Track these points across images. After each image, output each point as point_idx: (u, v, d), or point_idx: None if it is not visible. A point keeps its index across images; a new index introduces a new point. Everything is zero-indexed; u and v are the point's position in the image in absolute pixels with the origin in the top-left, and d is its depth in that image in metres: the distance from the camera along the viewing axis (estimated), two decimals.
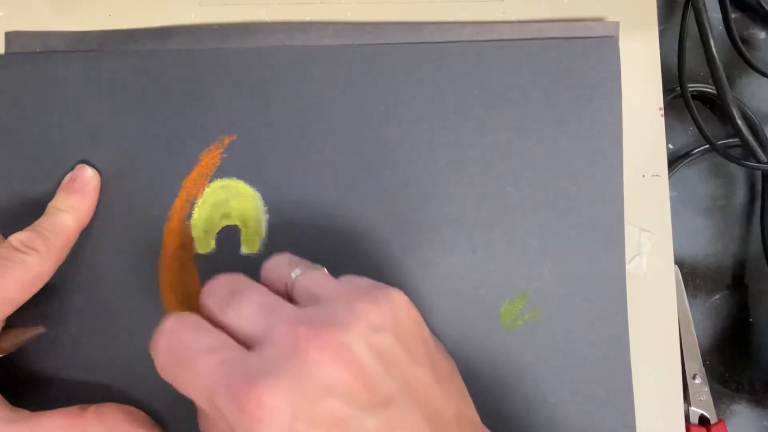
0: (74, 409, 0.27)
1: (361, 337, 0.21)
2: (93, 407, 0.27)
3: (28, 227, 0.28)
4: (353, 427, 0.20)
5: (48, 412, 0.27)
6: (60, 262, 0.28)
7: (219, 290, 0.24)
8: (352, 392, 0.20)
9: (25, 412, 0.26)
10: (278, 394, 0.19)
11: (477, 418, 0.24)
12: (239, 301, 0.23)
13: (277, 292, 0.24)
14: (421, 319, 0.24)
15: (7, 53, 0.32)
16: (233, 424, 0.20)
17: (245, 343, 0.22)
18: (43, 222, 0.28)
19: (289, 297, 0.24)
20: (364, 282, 0.24)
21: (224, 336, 0.22)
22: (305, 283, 0.24)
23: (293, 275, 0.24)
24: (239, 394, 0.19)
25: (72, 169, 0.30)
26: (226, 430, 0.21)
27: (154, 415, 0.29)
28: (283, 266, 0.25)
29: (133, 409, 0.29)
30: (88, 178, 0.30)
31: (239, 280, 0.24)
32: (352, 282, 0.24)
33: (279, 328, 0.21)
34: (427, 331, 0.24)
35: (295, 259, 0.25)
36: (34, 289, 0.27)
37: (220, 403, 0.20)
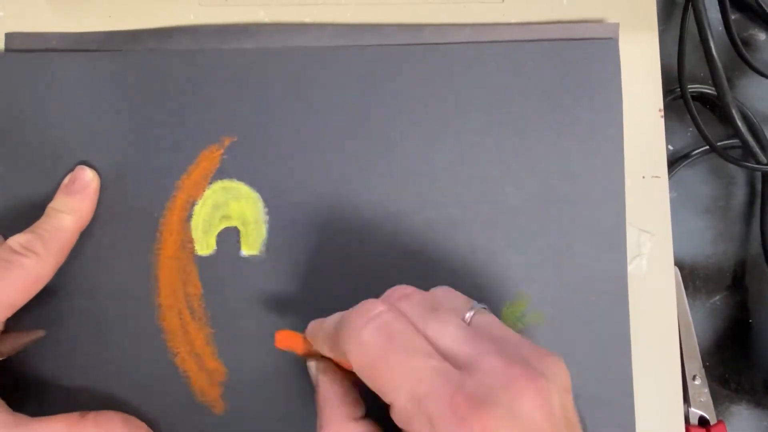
0: (74, 415, 0.27)
1: (558, 392, 0.21)
2: (92, 414, 0.27)
3: (28, 229, 0.28)
4: None
5: (48, 418, 0.27)
6: (59, 264, 0.28)
7: (417, 299, 0.23)
8: None
9: (25, 417, 0.26)
10: (500, 425, 0.19)
11: None
12: (443, 318, 0.22)
13: None
14: None
15: (6, 52, 0.31)
16: None
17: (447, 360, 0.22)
18: (42, 224, 0.28)
19: None
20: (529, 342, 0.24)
21: (431, 346, 0.22)
22: (485, 322, 0.24)
23: (471, 312, 0.24)
24: (463, 414, 0.19)
25: (71, 169, 0.30)
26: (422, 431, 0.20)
27: (152, 417, 0.29)
28: (459, 300, 0.25)
29: (131, 417, 0.29)
30: (87, 179, 0.30)
31: (435, 296, 0.24)
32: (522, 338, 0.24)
33: (491, 359, 0.21)
34: None
35: (464, 296, 0.25)
36: (34, 292, 0.27)
37: (435, 410, 0.20)
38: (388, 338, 0.21)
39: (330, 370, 0.26)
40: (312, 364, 0.26)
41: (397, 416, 0.21)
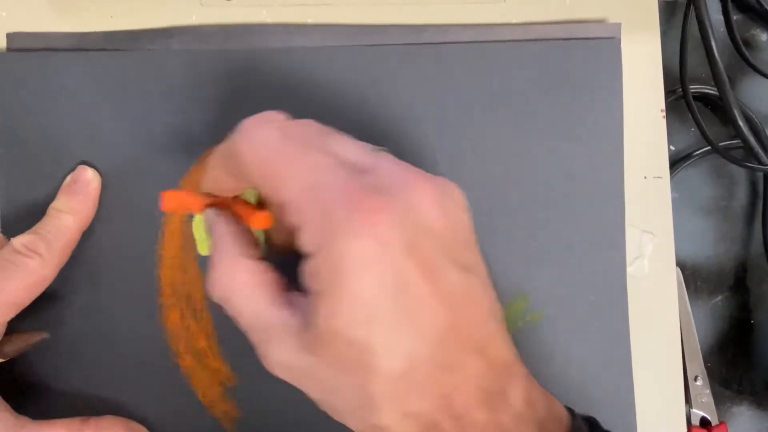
0: (76, 420, 0.27)
1: (455, 203, 0.21)
2: (94, 419, 0.28)
3: (30, 230, 0.28)
4: (440, 272, 0.20)
5: (50, 422, 0.27)
6: (62, 265, 0.28)
7: (312, 121, 0.22)
8: (445, 242, 0.20)
9: (28, 420, 0.26)
10: (393, 214, 0.19)
11: None
12: (341, 136, 0.22)
13: None
14: None
15: (8, 52, 0.32)
16: (335, 223, 0.19)
17: None
18: (44, 224, 0.28)
19: None
20: None
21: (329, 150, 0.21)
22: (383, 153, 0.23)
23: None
24: (357, 200, 0.19)
25: (73, 169, 0.30)
26: (316, 229, 0.19)
27: (153, 417, 0.29)
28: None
29: (133, 422, 0.29)
30: (89, 179, 0.30)
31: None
32: None
33: (387, 164, 0.21)
34: None
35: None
36: (37, 292, 0.27)
37: (328, 198, 0.19)
38: (284, 136, 0.21)
39: (226, 216, 0.24)
40: (209, 211, 0.25)
41: (288, 210, 0.20)
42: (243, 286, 0.22)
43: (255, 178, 0.21)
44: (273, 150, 0.21)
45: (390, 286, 0.19)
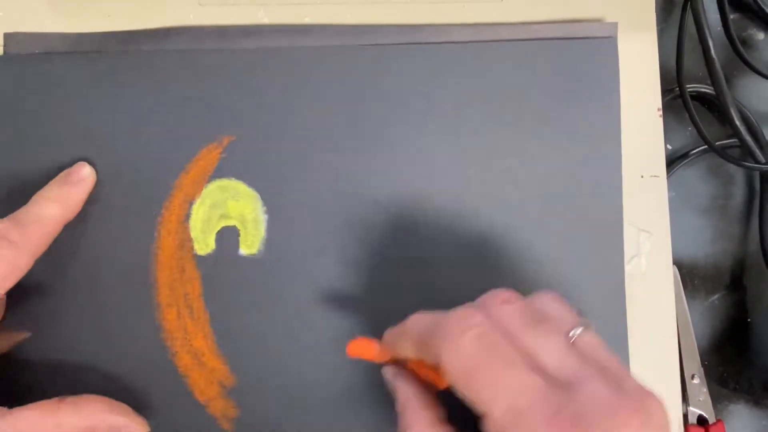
0: (52, 401, 0.26)
1: (666, 414, 0.21)
2: (71, 398, 0.26)
3: (8, 216, 0.27)
4: None
5: (25, 406, 0.26)
6: (38, 254, 0.27)
7: (519, 307, 0.23)
8: None
9: (4, 409, 0.25)
10: None
11: None
12: (546, 332, 0.22)
13: None
14: None
15: (5, 53, 0.32)
16: None
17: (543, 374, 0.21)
18: (25, 211, 0.27)
19: None
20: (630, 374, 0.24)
21: (531, 359, 0.21)
22: (590, 343, 0.22)
23: (578, 329, 0.23)
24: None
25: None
26: None
27: (149, 415, 0.29)
28: (565, 313, 0.23)
29: (113, 400, 0.28)
30: (84, 174, 0.30)
31: (538, 306, 0.23)
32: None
33: (594, 383, 0.21)
34: None
35: (569, 309, 0.24)
36: (10, 282, 0.26)
37: (535, 426, 0.20)
38: (488, 347, 0.21)
39: (406, 374, 0.26)
40: (388, 369, 0.27)
41: (491, 427, 0.21)
42: None
43: (456, 384, 0.22)
44: (475, 365, 0.21)
45: None
